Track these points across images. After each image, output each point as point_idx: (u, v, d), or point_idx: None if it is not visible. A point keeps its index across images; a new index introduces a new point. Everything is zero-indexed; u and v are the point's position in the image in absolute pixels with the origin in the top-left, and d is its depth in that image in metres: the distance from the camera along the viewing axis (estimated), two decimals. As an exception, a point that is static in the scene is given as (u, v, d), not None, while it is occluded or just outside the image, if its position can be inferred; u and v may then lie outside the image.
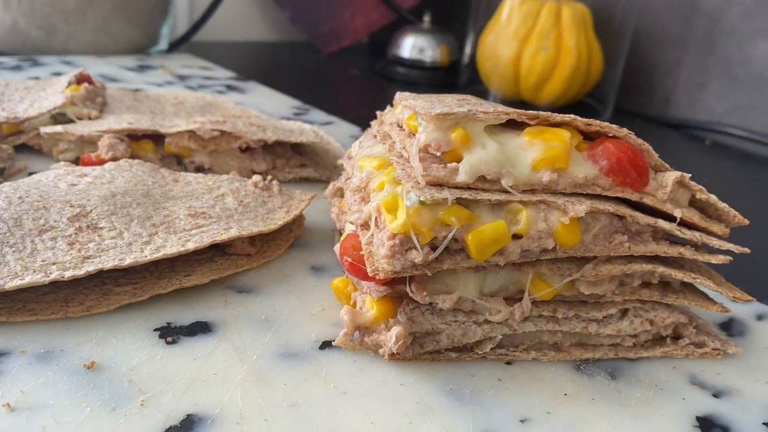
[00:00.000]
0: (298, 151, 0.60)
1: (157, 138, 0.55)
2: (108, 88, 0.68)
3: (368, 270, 0.33)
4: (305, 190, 0.50)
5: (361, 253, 0.35)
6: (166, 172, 0.48)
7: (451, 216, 0.32)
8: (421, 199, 0.32)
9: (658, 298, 0.37)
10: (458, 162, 0.33)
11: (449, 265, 0.33)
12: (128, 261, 0.37)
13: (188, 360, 0.33)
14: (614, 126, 0.35)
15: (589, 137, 0.36)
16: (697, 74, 1.01)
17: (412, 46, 1.18)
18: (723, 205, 0.37)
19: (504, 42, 0.97)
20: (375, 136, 0.43)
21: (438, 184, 0.33)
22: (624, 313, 0.38)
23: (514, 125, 0.35)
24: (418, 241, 0.32)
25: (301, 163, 0.59)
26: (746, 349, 0.40)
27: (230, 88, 0.91)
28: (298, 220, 0.49)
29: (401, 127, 0.41)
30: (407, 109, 0.39)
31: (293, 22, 1.33)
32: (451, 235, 0.32)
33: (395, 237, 0.32)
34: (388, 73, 1.19)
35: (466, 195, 0.32)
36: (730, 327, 0.43)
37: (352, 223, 0.37)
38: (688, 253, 0.36)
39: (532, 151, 0.34)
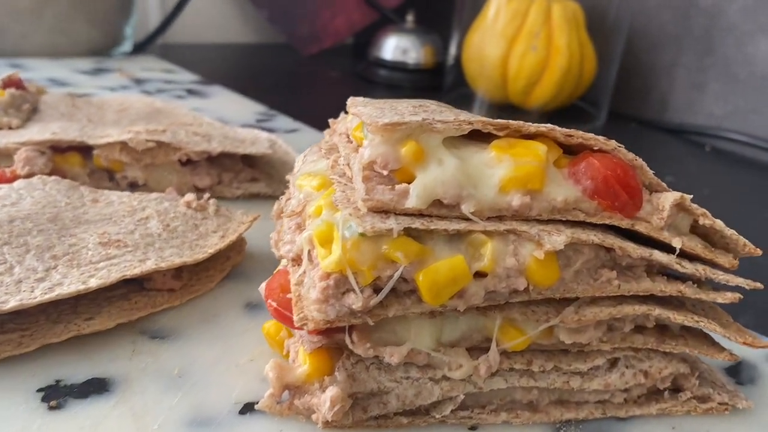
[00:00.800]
0: (249, 163, 0.54)
1: (86, 150, 0.49)
2: (47, 93, 0.61)
3: (295, 319, 0.27)
4: (254, 209, 0.44)
5: (288, 296, 0.28)
6: (85, 191, 0.42)
7: (398, 251, 0.26)
8: (360, 230, 0.26)
9: (653, 346, 0.31)
10: (409, 183, 0.27)
11: (397, 311, 0.27)
12: (12, 304, 0.30)
13: (72, 431, 0.27)
14: (600, 138, 0.29)
15: (571, 151, 0.30)
16: (694, 75, 0.95)
17: (394, 47, 1.12)
18: (731, 233, 0.30)
19: (491, 42, 0.91)
20: (321, 149, 0.37)
21: (383, 211, 0.27)
22: (613, 363, 0.31)
23: (479, 137, 0.29)
24: (357, 283, 0.26)
25: (251, 177, 0.53)
26: (759, 401, 0.34)
27: (191, 92, 0.84)
28: (238, 245, 0.42)
29: (350, 138, 0.34)
30: (356, 116, 0.33)
31: (271, 23, 1.27)
32: (397, 275, 0.26)
33: (329, 277, 0.26)
34: (369, 75, 1.13)
35: (416, 224, 0.26)
36: (738, 372, 0.36)
37: (282, 257, 0.31)
38: (689, 291, 0.30)
39: (500, 168, 0.28)
